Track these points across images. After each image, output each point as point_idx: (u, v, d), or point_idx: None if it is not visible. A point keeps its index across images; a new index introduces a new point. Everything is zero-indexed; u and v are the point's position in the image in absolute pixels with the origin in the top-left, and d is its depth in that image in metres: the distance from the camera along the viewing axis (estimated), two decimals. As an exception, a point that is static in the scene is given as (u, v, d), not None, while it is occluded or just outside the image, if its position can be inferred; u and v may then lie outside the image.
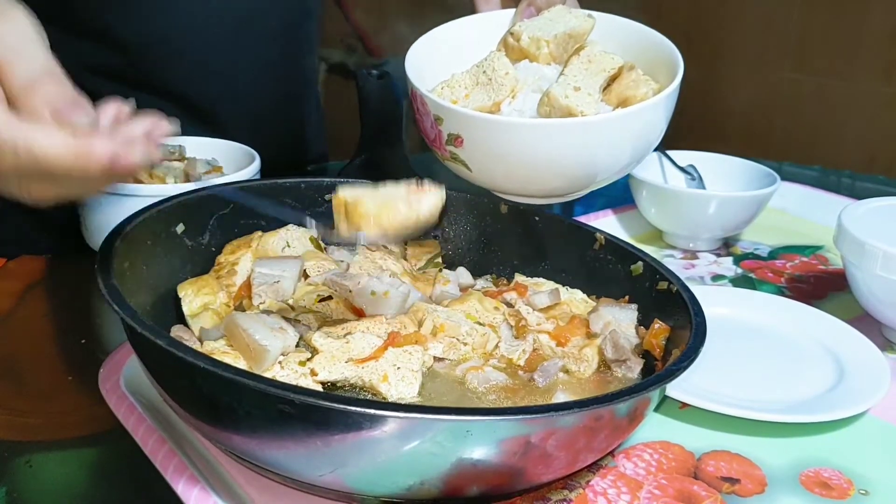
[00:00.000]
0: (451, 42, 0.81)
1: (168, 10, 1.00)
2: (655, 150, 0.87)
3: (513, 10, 0.83)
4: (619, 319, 0.69)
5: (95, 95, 0.53)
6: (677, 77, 0.74)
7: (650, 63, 0.77)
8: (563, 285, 0.75)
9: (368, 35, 2.75)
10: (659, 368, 0.65)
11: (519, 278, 0.76)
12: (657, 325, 0.67)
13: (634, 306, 0.70)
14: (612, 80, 0.75)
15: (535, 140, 0.68)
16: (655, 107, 0.71)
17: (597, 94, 0.71)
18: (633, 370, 0.66)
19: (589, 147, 0.69)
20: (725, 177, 1.06)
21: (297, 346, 0.63)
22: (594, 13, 0.80)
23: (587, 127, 0.68)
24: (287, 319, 0.64)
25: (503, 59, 0.74)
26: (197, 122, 1.06)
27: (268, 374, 0.59)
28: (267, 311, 0.65)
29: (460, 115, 0.71)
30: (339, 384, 0.61)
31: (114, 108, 0.53)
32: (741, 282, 0.94)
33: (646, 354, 0.67)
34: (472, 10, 0.86)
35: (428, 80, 0.76)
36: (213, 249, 0.73)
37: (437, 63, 0.79)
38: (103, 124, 0.52)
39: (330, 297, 0.68)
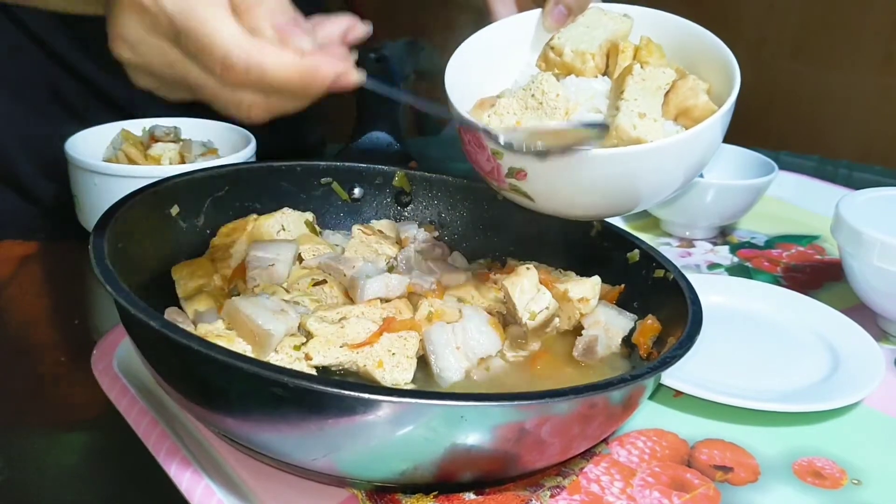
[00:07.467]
0: (482, 56, 0.77)
1: None
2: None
3: (537, 12, 0.77)
4: (611, 324, 0.68)
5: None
6: (735, 82, 0.71)
7: (691, 56, 0.74)
8: (558, 268, 0.75)
9: (367, 18, 2.74)
10: (655, 357, 0.64)
11: (511, 262, 0.76)
12: (649, 320, 0.66)
13: (634, 318, 0.68)
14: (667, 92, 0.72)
15: (609, 169, 0.65)
16: (724, 116, 0.69)
17: (660, 117, 0.69)
18: None
19: (661, 168, 0.67)
20: (723, 165, 1.06)
21: (292, 330, 0.62)
22: (629, 10, 0.76)
23: (661, 151, 0.66)
24: (285, 302, 0.63)
25: (551, 79, 0.70)
26: (192, 103, 1.05)
27: (262, 358, 0.58)
28: (265, 294, 0.65)
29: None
30: (333, 369, 0.61)
31: (336, 27, 0.57)
32: (737, 270, 0.94)
33: (632, 347, 0.67)
34: (482, 6, 0.81)
35: (467, 101, 0.72)
36: (208, 232, 0.73)
37: (473, 80, 0.74)
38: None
39: (324, 282, 0.68)
